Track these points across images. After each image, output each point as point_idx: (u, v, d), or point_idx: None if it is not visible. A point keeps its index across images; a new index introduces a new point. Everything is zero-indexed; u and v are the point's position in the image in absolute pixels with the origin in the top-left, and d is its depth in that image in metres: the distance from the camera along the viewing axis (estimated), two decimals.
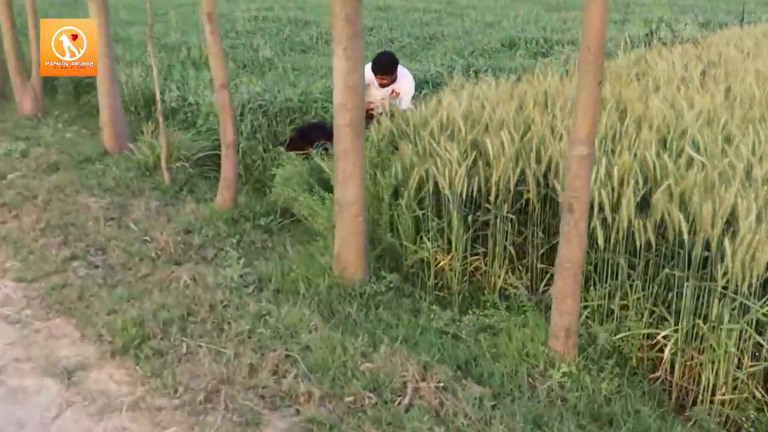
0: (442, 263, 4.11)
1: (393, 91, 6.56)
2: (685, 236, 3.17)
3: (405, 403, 2.85)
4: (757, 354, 3.20)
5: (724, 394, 3.20)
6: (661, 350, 3.36)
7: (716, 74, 6.22)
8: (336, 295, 3.73)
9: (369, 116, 6.62)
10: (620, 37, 10.38)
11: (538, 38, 9.92)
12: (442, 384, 2.94)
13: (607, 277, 3.60)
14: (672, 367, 3.33)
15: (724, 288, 3.13)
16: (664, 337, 3.31)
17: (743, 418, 3.18)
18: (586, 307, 3.55)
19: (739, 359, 3.19)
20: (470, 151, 4.17)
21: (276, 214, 4.94)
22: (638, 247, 3.43)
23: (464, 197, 4.00)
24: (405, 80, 6.49)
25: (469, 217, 4.08)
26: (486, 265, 4.19)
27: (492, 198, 4.01)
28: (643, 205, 3.51)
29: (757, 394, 3.22)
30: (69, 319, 3.48)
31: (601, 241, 3.48)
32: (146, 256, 4.15)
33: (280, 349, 3.14)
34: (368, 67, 6.42)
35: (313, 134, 5.78)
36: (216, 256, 4.24)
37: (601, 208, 3.54)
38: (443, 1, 16.93)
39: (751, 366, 3.17)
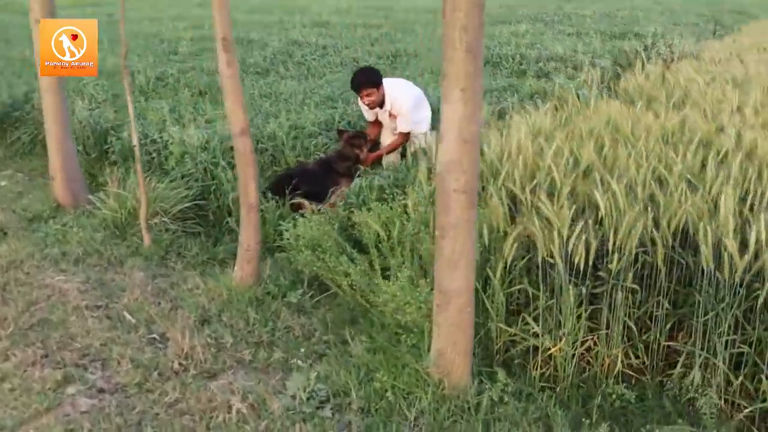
0: (553, 350, 3.25)
1: (390, 113, 5.64)
2: None
3: None
4: None
5: None
6: None
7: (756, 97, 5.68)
8: (445, 413, 2.79)
9: (373, 149, 5.69)
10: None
11: (513, 54, 9.25)
12: None
13: None
14: None
15: None
16: None
17: None
18: None
19: None
20: (569, 205, 3.35)
21: (303, 285, 3.94)
22: None
23: (580, 267, 3.17)
24: (400, 94, 5.54)
25: (583, 290, 3.24)
26: (598, 344, 3.37)
27: (612, 265, 3.20)
28: None
29: None
30: None
31: None
32: (165, 368, 3.06)
33: None
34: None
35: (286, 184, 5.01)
36: (255, 359, 3.20)
37: None
38: (380, 16, 16.20)
39: None
